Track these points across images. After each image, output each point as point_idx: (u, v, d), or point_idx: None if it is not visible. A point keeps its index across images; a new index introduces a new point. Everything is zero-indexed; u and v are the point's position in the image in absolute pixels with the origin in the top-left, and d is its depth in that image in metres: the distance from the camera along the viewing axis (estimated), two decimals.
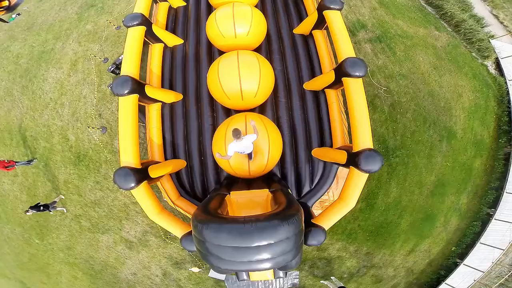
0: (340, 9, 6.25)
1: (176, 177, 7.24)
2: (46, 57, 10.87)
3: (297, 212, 3.78)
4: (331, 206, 5.37)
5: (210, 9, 8.64)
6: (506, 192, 10.26)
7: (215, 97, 6.60)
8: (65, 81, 10.10)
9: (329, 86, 6.86)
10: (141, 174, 5.29)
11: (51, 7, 12.17)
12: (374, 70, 9.46)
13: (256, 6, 8.64)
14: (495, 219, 10.30)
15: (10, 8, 12.65)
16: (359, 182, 4.97)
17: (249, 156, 5.67)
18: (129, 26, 6.50)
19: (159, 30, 7.87)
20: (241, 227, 3.30)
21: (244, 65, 5.90)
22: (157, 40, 8.12)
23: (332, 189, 7.53)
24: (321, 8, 6.43)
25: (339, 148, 6.71)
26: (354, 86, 5.39)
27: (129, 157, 5.37)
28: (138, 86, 6.29)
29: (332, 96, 7.53)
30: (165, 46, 8.47)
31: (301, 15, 8.71)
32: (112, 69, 9.37)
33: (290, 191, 6.28)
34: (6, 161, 9.30)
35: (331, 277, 9.54)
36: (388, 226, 9.74)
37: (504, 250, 10.30)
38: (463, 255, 10.42)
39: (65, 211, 9.94)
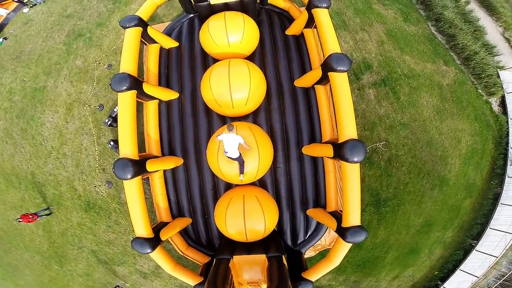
0: (348, 70, 5.96)
1: (184, 229, 7.85)
2: (40, 96, 10.61)
3: None
4: (319, 264, 6.32)
5: (204, 52, 8.01)
6: (490, 228, 10.97)
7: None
8: (63, 128, 10.07)
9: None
10: (154, 241, 6.20)
11: (38, 32, 11.37)
12: (375, 121, 9.31)
13: (254, 52, 8.19)
14: (476, 250, 11.19)
15: None
16: (344, 249, 5.86)
17: (240, 169, 6.17)
18: (119, 91, 6.25)
19: (151, 88, 7.52)
20: None
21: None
22: (151, 97, 7.86)
23: (324, 236, 8.26)
24: (326, 68, 6.10)
25: (331, 214, 7.20)
26: (351, 171, 5.65)
27: (141, 230, 6.17)
28: (138, 167, 6.47)
29: (330, 165, 7.73)
30: (160, 101, 8.24)
31: (304, 64, 8.27)
32: (109, 123, 9.24)
33: (284, 257, 6.92)
34: (29, 215, 9.66)
35: None
36: (375, 260, 10.67)
37: (479, 277, 11.43)
38: (444, 279, 11.58)
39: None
